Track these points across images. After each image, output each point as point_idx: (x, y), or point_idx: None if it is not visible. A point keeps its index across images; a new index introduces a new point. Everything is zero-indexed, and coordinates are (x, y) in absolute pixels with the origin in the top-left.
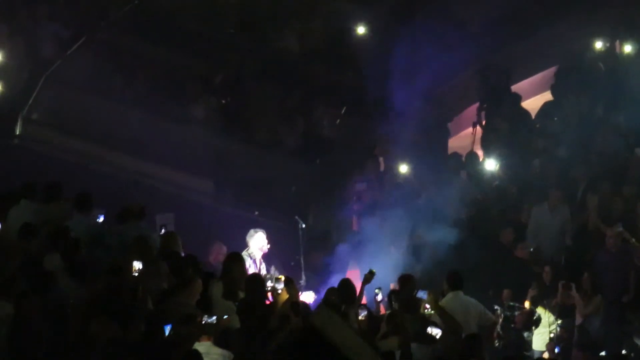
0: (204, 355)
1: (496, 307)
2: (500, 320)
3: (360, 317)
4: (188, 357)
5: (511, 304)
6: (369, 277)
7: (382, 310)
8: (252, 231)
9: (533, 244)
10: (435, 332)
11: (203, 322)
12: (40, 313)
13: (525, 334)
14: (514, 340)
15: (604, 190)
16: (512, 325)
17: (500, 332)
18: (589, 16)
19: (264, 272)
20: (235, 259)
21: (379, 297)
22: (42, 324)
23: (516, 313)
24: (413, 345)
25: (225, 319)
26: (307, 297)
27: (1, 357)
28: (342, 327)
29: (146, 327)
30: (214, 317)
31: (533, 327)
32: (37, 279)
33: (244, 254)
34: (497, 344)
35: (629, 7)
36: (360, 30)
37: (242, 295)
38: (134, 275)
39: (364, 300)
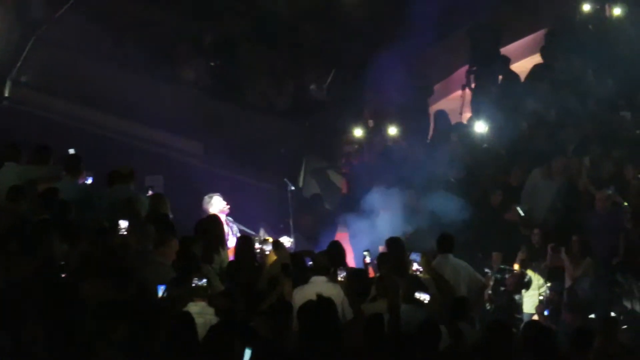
0: (198, 315)
1: (487, 270)
2: (491, 283)
3: (339, 278)
4: (179, 319)
5: (502, 266)
6: None
7: (371, 273)
8: (206, 198)
9: (526, 207)
10: (423, 297)
11: (193, 284)
12: (31, 275)
13: (516, 297)
14: (504, 303)
15: (593, 152)
16: (503, 288)
17: (492, 295)
18: None
19: (236, 230)
20: (212, 222)
21: (368, 260)
22: (33, 286)
23: (507, 276)
24: (403, 307)
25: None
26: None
27: None
28: None
29: (137, 288)
30: (204, 280)
31: (524, 290)
32: (26, 241)
33: None
34: (488, 307)
35: None
36: None
37: (217, 257)
38: (122, 235)
39: (353, 264)
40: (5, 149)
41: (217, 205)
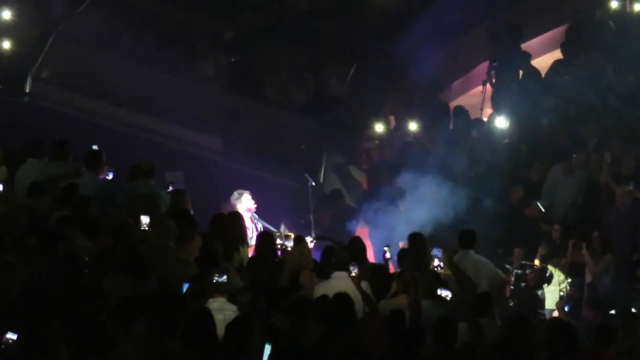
0: (217, 312)
1: (507, 265)
2: (512, 279)
3: (352, 273)
4: (198, 314)
5: (523, 262)
6: None
7: (391, 269)
8: (235, 194)
9: (547, 202)
10: (445, 293)
11: (214, 280)
12: (51, 270)
13: (539, 292)
14: (527, 299)
15: (614, 148)
16: (524, 284)
17: (513, 291)
18: None
19: (260, 227)
20: (233, 219)
21: (388, 255)
22: (53, 282)
23: (527, 271)
24: (425, 303)
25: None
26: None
27: (14, 315)
28: None
29: (158, 283)
30: (225, 276)
31: (545, 285)
32: (46, 237)
33: None
34: (510, 303)
35: None
36: None
37: (237, 255)
38: (143, 230)
39: (372, 259)
40: (26, 145)
41: (245, 203)
